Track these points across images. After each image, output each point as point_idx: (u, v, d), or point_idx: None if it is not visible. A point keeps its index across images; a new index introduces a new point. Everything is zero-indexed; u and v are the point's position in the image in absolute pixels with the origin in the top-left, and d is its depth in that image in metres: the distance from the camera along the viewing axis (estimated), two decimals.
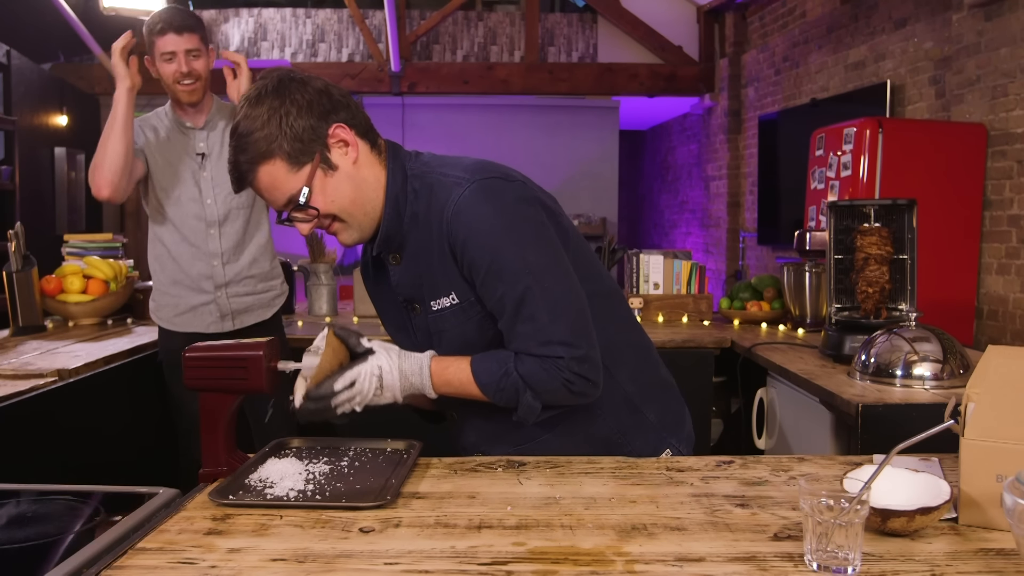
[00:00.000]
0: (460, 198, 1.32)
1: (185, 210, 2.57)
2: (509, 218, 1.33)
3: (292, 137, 1.30)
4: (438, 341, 1.44)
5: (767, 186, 6.40)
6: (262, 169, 1.32)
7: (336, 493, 1.26)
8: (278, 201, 1.35)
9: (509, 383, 1.34)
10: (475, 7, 7.66)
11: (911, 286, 2.45)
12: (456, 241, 1.33)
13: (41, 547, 1.10)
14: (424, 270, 1.40)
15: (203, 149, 2.58)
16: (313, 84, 1.35)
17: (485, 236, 1.32)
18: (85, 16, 6.12)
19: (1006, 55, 3.56)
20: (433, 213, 1.35)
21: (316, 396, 1.33)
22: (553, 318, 1.32)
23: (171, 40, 2.45)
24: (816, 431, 2.28)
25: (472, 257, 1.33)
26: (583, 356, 1.33)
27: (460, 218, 1.32)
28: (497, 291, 1.33)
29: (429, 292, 1.41)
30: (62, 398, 2.23)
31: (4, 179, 5.43)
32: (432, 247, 1.37)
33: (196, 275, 2.59)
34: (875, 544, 1.05)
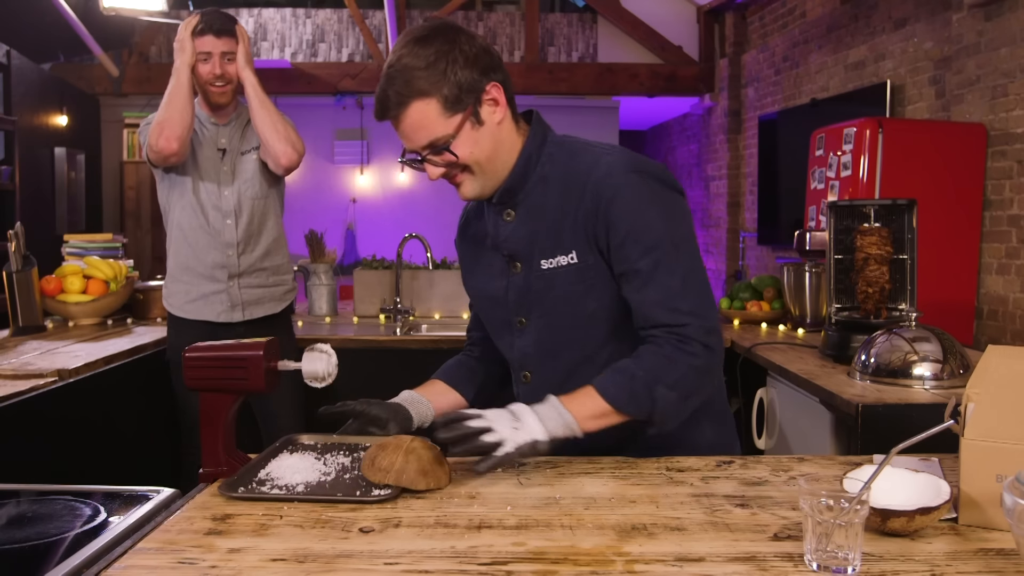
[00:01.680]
0: (611, 164, 1.37)
1: (203, 199, 2.67)
2: (654, 190, 1.38)
3: (454, 83, 1.33)
4: (539, 300, 1.45)
5: (767, 186, 6.40)
6: (415, 105, 1.33)
7: (341, 487, 1.27)
8: (420, 140, 1.36)
9: (638, 385, 1.33)
10: (475, 7, 7.66)
11: (911, 286, 2.45)
12: (601, 201, 1.36)
13: (41, 547, 1.10)
14: (543, 228, 1.42)
15: (224, 144, 2.71)
16: (479, 40, 1.38)
17: (632, 201, 1.35)
18: (85, 16, 6.12)
19: (1006, 55, 3.56)
20: (573, 174, 1.40)
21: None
22: (685, 287, 1.35)
23: (209, 42, 2.58)
24: (816, 431, 2.28)
25: (615, 218, 1.35)
26: (711, 327, 1.36)
27: (610, 180, 1.36)
28: (633, 255, 1.35)
29: (542, 250, 1.43)
30: (62, 398, 2.24)
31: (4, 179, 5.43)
32: (562, 205, 1.40)
33: (210, 263, 2.68)
34: (875, 544, 1.05)
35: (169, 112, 2.54)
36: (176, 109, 2.54)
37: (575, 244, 1.40)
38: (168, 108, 2.55)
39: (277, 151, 2.63)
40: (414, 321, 3.62)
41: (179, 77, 2.56)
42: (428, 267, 3.64)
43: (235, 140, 2.72)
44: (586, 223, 1.38)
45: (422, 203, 8.05)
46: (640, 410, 1.35)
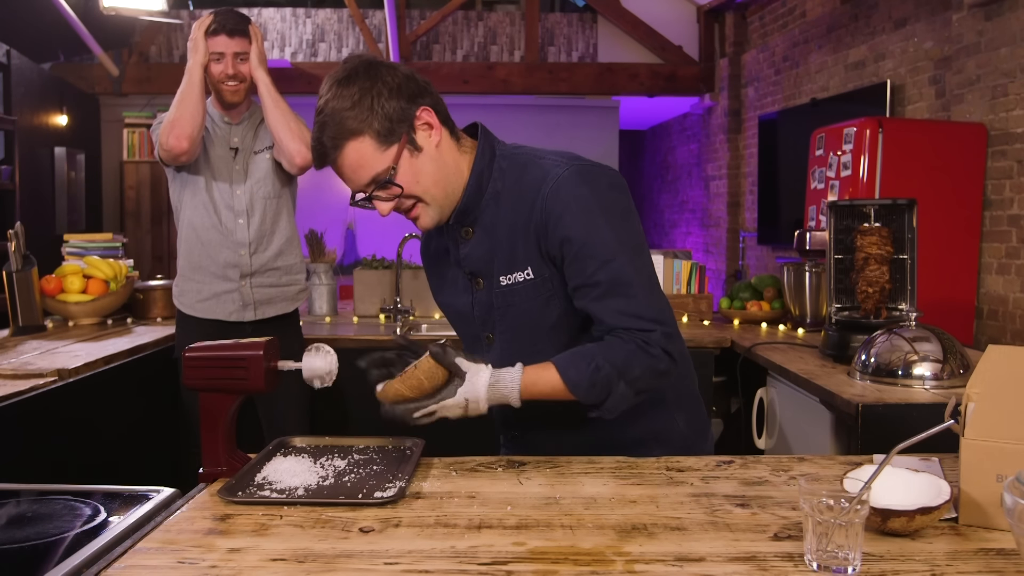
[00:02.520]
0: (559, 177, 1.37)
1: (216, 198, 2.68)
2: (605, 200, 1.38)
3: (383, 116, 1.34)
4: (501, 316, 1.46)
5: (767, 186, 6.40)
6: (350, 146, 1.34)
7: (343, 491, 1.27)
8: (362, 179, 1.37)
9: (601, 377, 1.34)
10: (475, 7, 7.65)
11: (911, 286, 2.45)
12: (551, 216, 1.36)
13: (41, 547, 1.10)
14: (499, 244, 1.43)
15: (236, 144, 2.72)
16: (401, 69, 1.38)
17: (582, 214, 1.35)
18: (85, 16, 6.12)
19: (1006, 55, 3.56)
20: (523, 189, 1.40)
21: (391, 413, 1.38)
22: (646, 294, 1.37)
23: (222, 42, 2.59)
24: (816, 431, 2.28)
25: (566, 233, 1.35)
26: (672, 333, 1.38)
27: (559, 194, 1.36)
28: (589, 268, 1.36)
29: (500, 266, 1.43)
30: (62, 398, 2.23)
31: (4, 179, 5.43)
32: (515, 221, 1.41)
33: (223, 263, 2.68)
34: (875, 544, 1.05)
35: (180, 111, 2.54)
36: (187, 108, 2.54)
37: (530, 260, 1.41)
38: (179, 107, 2.55)
39: (291, 150, 2.63)
40: (414, 321, 3.62)
41: (191, 77, 2.57)
42: None
43: (248, 139, 2.73)
44: (538, 239, 1.39)
45: None
46: (595, 399, 1.37)
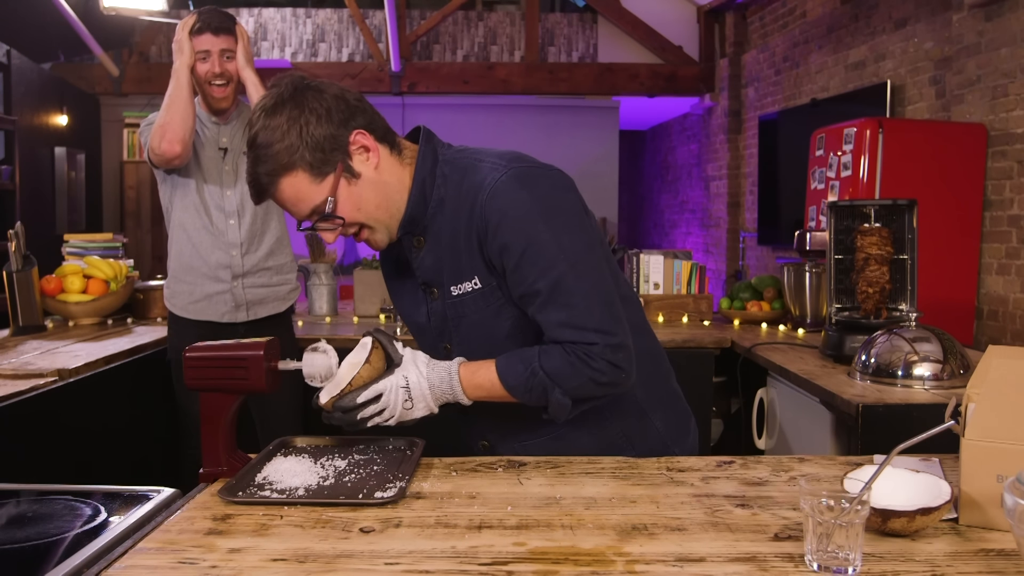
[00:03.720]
0: (496, 182, 1.31)
1: (206, 199, 2.66)
2: (545, 204, 1.32)
3: (313, 147, 1.28)
4: (455, 327, 1.43)
5: (767, 186, 6.40)
6: (284, 181, 1.30)
7: (343, 491, 1.27)
8: (302, 212, 1.34)
9: (536, 382, 1.33)
10: (475, 7, 7.66)
11: (911, 286, 2.45)
12: (489, 225, 1.31)
13: (41, 547, 1.09)
14: (447, 254, 1.38)
15: (225, 144, 2.70)
16: (329, 91, 1.32)
17: (520, 221, 1.30)
18: (85, 16, 6.12)
19: (1006, 55, 3.56)
20: (464, 196, 1.34)
21: (341, 407, 1.34)
22: (588, 304, 1.31)
23: (207, 40, 2.56)
24: (816, 431, 2.28)
25: (505, 241, 1.31)
26: (618, 344, 1.32)
27: (495, 202, 1.31)
28: (530, 277, 1.31)
29: (449, 277, 1.40)
30: (62, 398, 2.23)
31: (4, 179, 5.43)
32: (459, 230, 1.35)
33: (214, 264, 2.66)
34: (875, 544, 1.05)
35: (170, 115, 2.53)
36: (177, 112, 2.52)
37: (475, 269, 1.37)
38: (169, 111, 2.53)
39: None
40: None
41: (179, 78, 2.55)
42: None
43: (237, 139, 2.70)
44: (480, 246, 1.34)
45: None
46: (533, 402, 1.36)
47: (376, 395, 1.34)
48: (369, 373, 1.35)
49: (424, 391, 1.35)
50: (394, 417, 1.35)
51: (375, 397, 1.34)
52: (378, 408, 1.34)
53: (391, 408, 1.34)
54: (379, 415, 1.35)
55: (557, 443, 1.48)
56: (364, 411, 1.34)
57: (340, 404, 1.34)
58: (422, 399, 1.35)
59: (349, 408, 1.34)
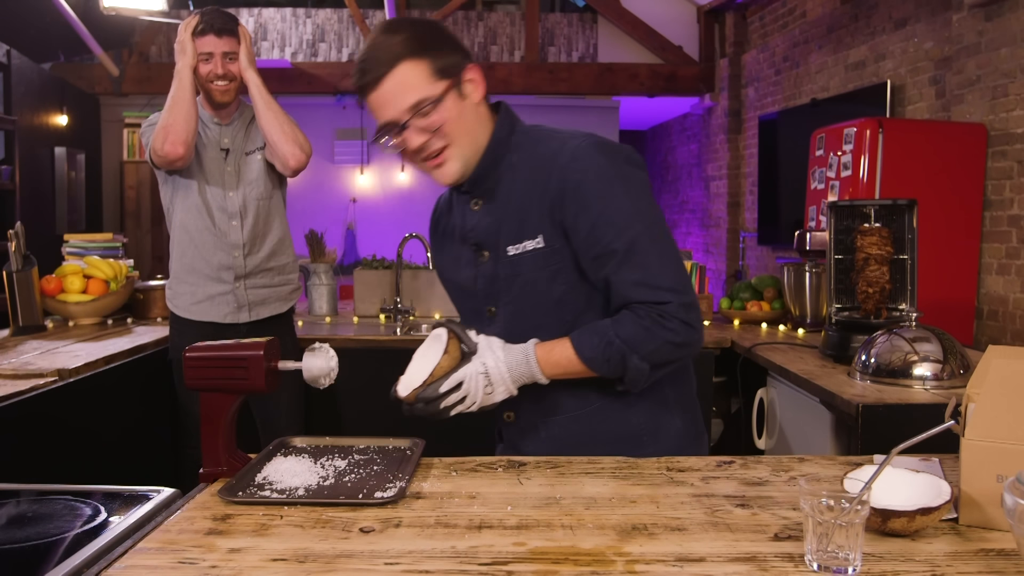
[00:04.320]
0: (577, 147, 1.38)
1: (208, 201, 2.66)
2: (622, 171, 1.38)
3: (441, 56, 1.36)
4: (506, 287, 1.46)
5: (767, 186, 6.40)
6: (404, 65, 1.34)
7: (343, 491, 1.27)
8: (405, 103, 1.35)
9: (613, 351, 1.36)
10: (475, 7, 7.65)
11: (911, 286, 2.45)
12: (567, 186, 1.36)
13: (41, 547, 1.09)
14: (509, 215, 1.43)
15: (227, 144, 2.69)
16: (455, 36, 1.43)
17: (600, 183, 1.36)
18: (85, 16, 6.12)
19: (1006, 55, 3.56)
20: (539, 160, 1.40)
21: (424, 398, 1.36)
22: (662, 264, 1.37)
23: (210, 42, 2.56)
24: (816, 431, 2.28)
25: (584, 202, 1.36)
26: (691, 303, 1.37)
27: (576, 163, 1.36)
28: (607, 237, 1.35)
29: (508, 237, 1.43)
30: (62, 398, 2.23)
31: (4, 179, 5.42)
32: (529, 191, 1.40)
33: (217, 265, 2.66)
34: (875, 544, 1.05)
35: (173, 116, 2.52)
36: (180, 113, 2.52)
37: (542, 228, 1.40)
38: (172, 112, 2.53)
39: (285, 153, 2.61)
40: (414, 321, 3.62)
41: (181, 80, 2.55)
42: (428, 267, 3.64)
43: (239, 140, 2.70)
44: (552, 208, 1.38)
45: (422, 203, 8.04)
46: (611, 373, 1.39)
47: (457, 383, 1.36)
48: (448, 363, 1.37)
49: (503, 374, 1.37)
50: (476, 403, 1.37)
51: (456, 386, 1.36)
52: (460, 396, 1.36)
53: (472, 395, 1.37)
54: (461, 403, 1.37)
55: (576, 424, 1.49)
56: (447, 400, 1.36)
57: (424, 395, 1.35)
58: (501, 383, 1.38)
59: (432, 398, 1.35)
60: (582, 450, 1.47)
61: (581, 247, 1.39)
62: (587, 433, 1.49)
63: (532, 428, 1.52)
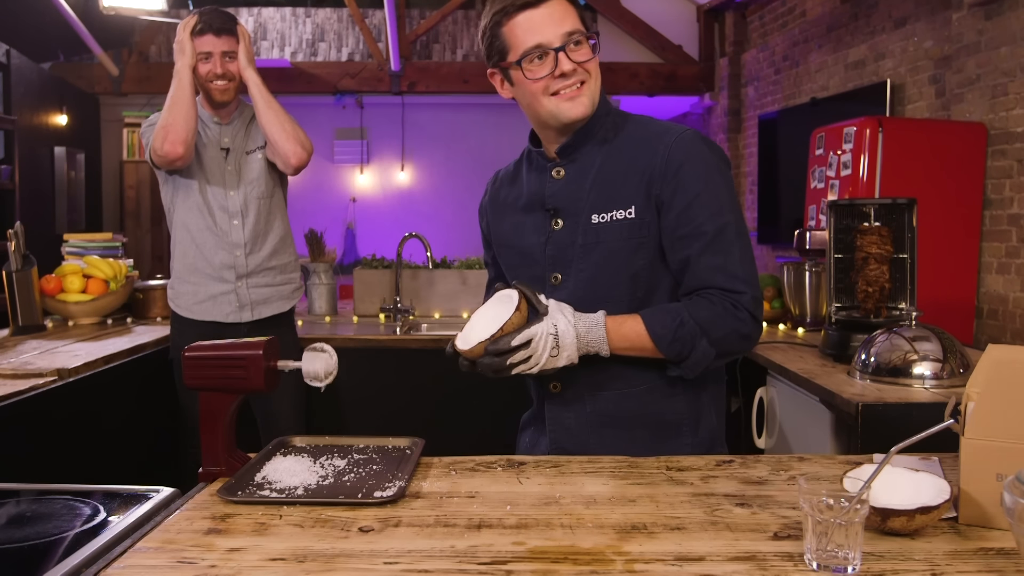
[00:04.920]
0: (684, 132, 1.44)
1: (210, 200, 2.66)
2: (719, 163, 1.45)
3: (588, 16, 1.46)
4: (584, 253, 1.47)
5: (767, 185, 6.40)
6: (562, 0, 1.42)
7: (342, 490, 1.27)
8: (563, 27, 1.41)
9: (685, 332, 1.38)
10: (475, 7, 7.65)
11: (911, 285, 2.45)
12: (671, 163, 1.41)
13: (41, 547, 1.09)
14: (599, 184, 1.46)
15: (227, 144, 2.69)
16: None
17: (703, 167, 1.42)
18: (85, 16, 6.12)
19: (1006, 54, 3.55)
20: (644, 136, 1.46)
21: (494, 350, 1.35)
22: (742, 256, 1.41)
23: (209, 41, 2.57)
24: (816, 430, 2.28)
25: (684, 181, 1.41)
26: (760, 298, 1.42)
27: (683, 145, 1.42)
28: (699, 218, 1.40)
29: (595, 205, 1.46)
30: (62, 398, 2.23)
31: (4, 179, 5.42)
32: (628, 165, 1.45)
33: (218, 264, 2.67)
34: (875, 543, 1.05)
35: (173, 116, 2.53)
36: (180, 113, 2.52)
37: (635, 200, 1.44)
38: (171, 112, 2.53)
39: (287, 151, 2.62)
40: (414, 320, 3.62)
41: (180, 80, 2.55)
42: (428, 266, 3.64)
43: (239, 139, 2.70)
44: (651, 181, 1.43)
45: (422, 203, 8.05)
46: (677, 355, 1.40)
47: (527, 340, 1.35)
48: (519, 320, 1.36)
49: (572, 339, 1.38)
50: (539, 365, 1.37)
51: (526, 342, 1.35)
52: (527, 354, 1.36)
53: (538, 355, 1.36)
54: (525, 363, 1.36)
55: (626, 401, 1.50)
56: (513, 356, 1.35)
57: (494, 347, 1.34)
58: (568, 347, 1.38)
59: (503, 351, 1.34)
60: (624, 428, 1.49)
61: (671, 224, 1.42)
62: (634, 411, 1.50)
63: (578, 400, 1.52)
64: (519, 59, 1.43)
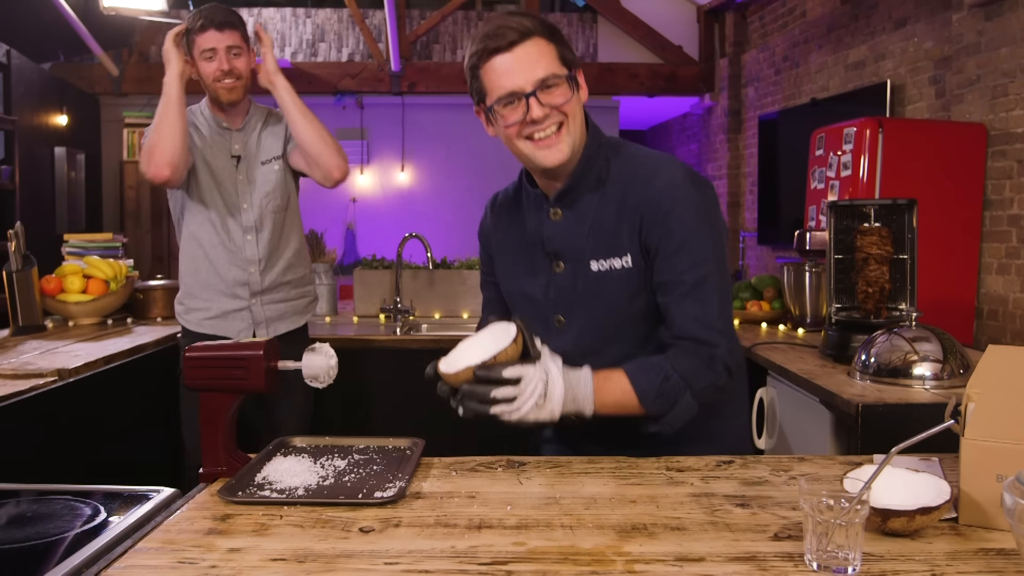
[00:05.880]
0: (673, 175, 1.41)
1: (223, 214, 2.51)
2: (708, 208, 1.42)
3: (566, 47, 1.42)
4: (585, 300, 1.46)
5: (767, 186, 6.40)
6: (537, 40, 1.39)
7: (343, 491, 1.27)
8: (535, 73, 1.38)
9: (669, 387, 1.36)
10: (475, 7, 7.65)
11: (911, 286, 2.45)
12: (660, 209, 1.39)
13: (41, 547, 1.09)
14: (595, 229, 1.44)
15: (239, 151, 2.52)
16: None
17: (690, 214, 1.39)
18: (85, 16, 6.12)
19: (1006, 55, 3.56)
20: (633, 179, 1.43)
21: (483, 376, 1.27)
22: (720, 306, 1.40)
23: (212, 37, 2.41)
24: (816, 431, 2.28)
25: (670, 228, 1.38)
26: (734, 349, 1.41)
27: (671, 190, 1.39)
28: (681, 266, 1.39)
29: (593, 251, 1.45)
30: (62, 398, 2.23)
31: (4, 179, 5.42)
32: (620, 209, 1.42)
33: (232, 281, 2.52)
34: (875, 544, 1.05)
35: (159, 135, 2.35)
36: (166, 132, 2.35)
37: (631, 249, 1.42)
38: (156, 131, 2.36)
39: (330, 165, 2.47)
40: (414, 321, 3.62)
41: (167, 95, 2.37)
42: (428, 267, 3.64)
43: (252, 146, 2.53)
44: (642, 228, 1.41)
45: (422, 203, 8.05)
46: (659, 410, 1.38)
47: (518, 377, 1.28)
48: (514, 353, 1.29)
49: (560, 393, 1.32)
50: (520, 412, 1.29)
51: (516, 379, 1.28)
52: (513, 393, 1.28)
53: (524, 398, 1.28)
54: (508, 403, 1.28)
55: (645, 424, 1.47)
56: (499, 390, 1.27)
57: (484, 373, 1.26)
58: (554, 401, 1.32)
59: (493, 380, 1.27)
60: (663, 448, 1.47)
61: (656, 269, 1.41)
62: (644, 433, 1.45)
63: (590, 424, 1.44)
64: (492, 104, 1.42)
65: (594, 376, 1.37)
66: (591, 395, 1.35)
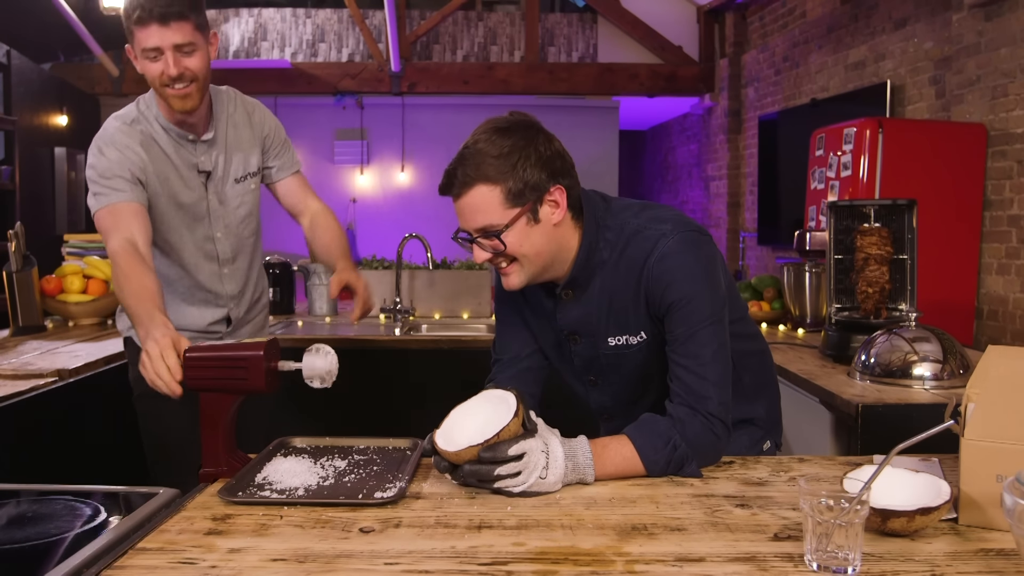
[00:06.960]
0: (667, 246, 1.42)
1: (194, 254, 2.07)
2: (704, 268, 1.44)
3: (521, 179, 1.36)
4: (609, 369, 1.54)
5: (767, 186, 6.40)
6: (479, 188, 1.36)
7: (343, 491, 1.27)
8: (475, 223, 1.39)
9: (677, 456, 1.36)
10: (475, 7, 7.66)
11: (911, 286, 2.45)
12: (660, 284, 1.42)
13: (41, 547, 1.10)
14: (604, 309, 1.48)
15: (206, 166, 2.02)
16: (555, 143, 1.42)
17: (688, 282, 1.41)
18: (85, 16, 6.12)
19: (1006, 55, 3.56)
20: (632, 260, 1.45)
21: (489, 457, 1.24)
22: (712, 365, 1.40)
23: (154, 33, 1.84)
24: (816, 431, 2.28)
25: (673, 298, 1.41)
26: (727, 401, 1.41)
27: (665, 263, 1.42)
28: (678, 328, 1.42)
29: (607, 329, 1.50)
30: (62, 398, 2.23)
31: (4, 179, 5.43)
32: (624, 289, 1.46)
33: (207, 322, 2.16)
34: (875, 544, 1.05)
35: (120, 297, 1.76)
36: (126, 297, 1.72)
37: (642, 325, 1.47)
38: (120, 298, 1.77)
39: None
40: (414, 321, 3.62)
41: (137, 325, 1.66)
42: (428, 267, 3.64)
43: (221, 161, 2.05)
44: (648, 303, 1.45)
45: (422, 203, 8.05)
46: (662, 474, 1.36)
47: (522, 453, 1.26)
48: (516, 428, 1.27)
49: (561, 463, 1.29)
50: (525, 484, 1.26)
51: (519, 455, 1.25)
52: (517, 468, 1.25)
53: (528, 471, 1.26)
54: (512, 478, 1.25)
55: None
56: (505, 467, 1.25)
57: (490, 454, 1.24)
58: (556, 471, 1.28)
59: (499, 460, 1.24)
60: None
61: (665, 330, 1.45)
62: None
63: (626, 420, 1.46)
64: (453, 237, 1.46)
65: (592, 444, 1.35)
66: (591, 463, 1.33)
